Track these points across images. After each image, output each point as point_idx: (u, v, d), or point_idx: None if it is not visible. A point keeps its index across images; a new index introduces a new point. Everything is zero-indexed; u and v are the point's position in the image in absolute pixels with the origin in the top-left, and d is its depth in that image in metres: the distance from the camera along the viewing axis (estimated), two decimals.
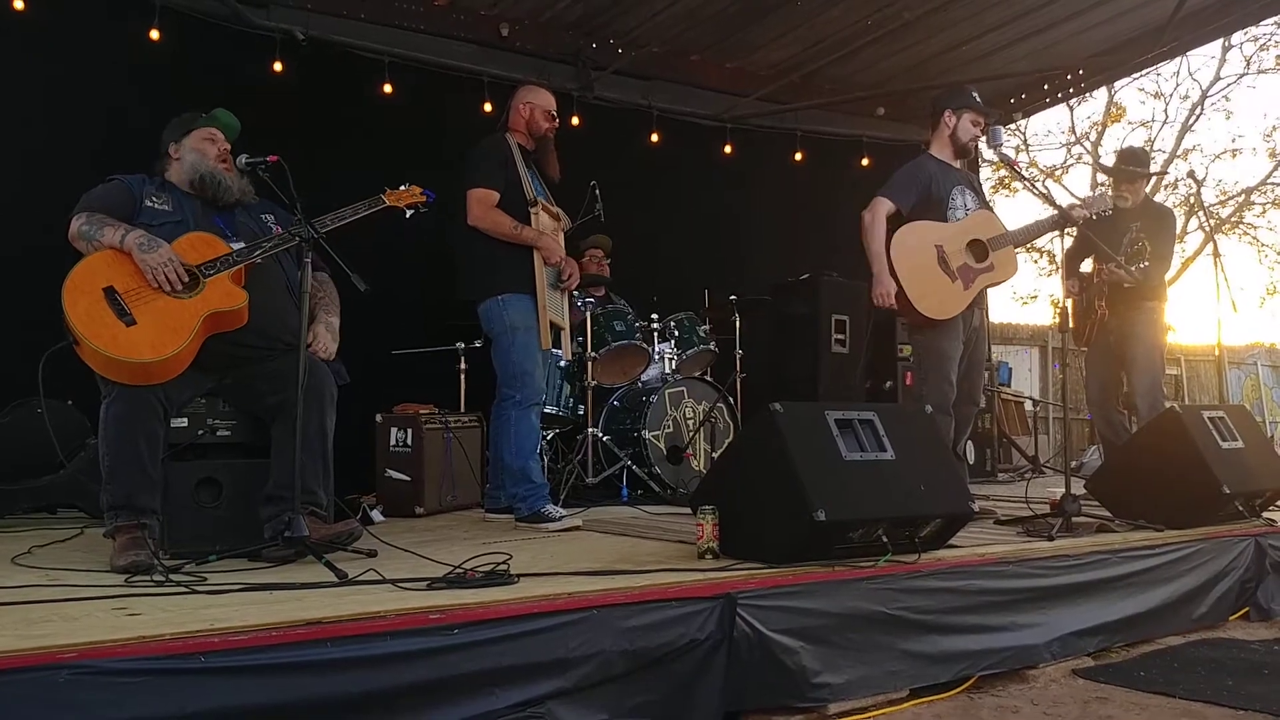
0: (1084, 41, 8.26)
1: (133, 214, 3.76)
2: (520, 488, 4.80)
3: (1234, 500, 4.60)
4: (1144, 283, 5.95)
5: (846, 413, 3.60)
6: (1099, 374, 6.43)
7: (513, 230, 4.81)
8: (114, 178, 3.88)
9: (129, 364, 3.41)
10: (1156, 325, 6.21)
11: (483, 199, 4.84)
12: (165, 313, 3.50)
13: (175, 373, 3.52)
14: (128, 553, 3.29)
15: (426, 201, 4.20)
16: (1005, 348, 13.59)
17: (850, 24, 7.77)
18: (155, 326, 3.47)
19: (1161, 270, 6.18)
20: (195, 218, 3.85)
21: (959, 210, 5.07)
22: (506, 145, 5.00)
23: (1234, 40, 20.78)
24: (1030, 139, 23.00)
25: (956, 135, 5.17)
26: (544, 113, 5.11)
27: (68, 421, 5.01)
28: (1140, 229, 6.05)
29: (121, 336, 3.41)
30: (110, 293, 3.46)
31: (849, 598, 3.21)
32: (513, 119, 5.13)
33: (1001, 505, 5.34)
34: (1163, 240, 6.19)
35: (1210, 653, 3.93)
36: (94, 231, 3.60)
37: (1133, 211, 6.20)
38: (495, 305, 4.84)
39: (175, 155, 3.97)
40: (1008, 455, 9.24)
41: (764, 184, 8.75)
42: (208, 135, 3.99)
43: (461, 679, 2.48)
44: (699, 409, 6.51)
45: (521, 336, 4.81)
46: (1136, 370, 6.15)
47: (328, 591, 2.89)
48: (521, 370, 4.81)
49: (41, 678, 2.03)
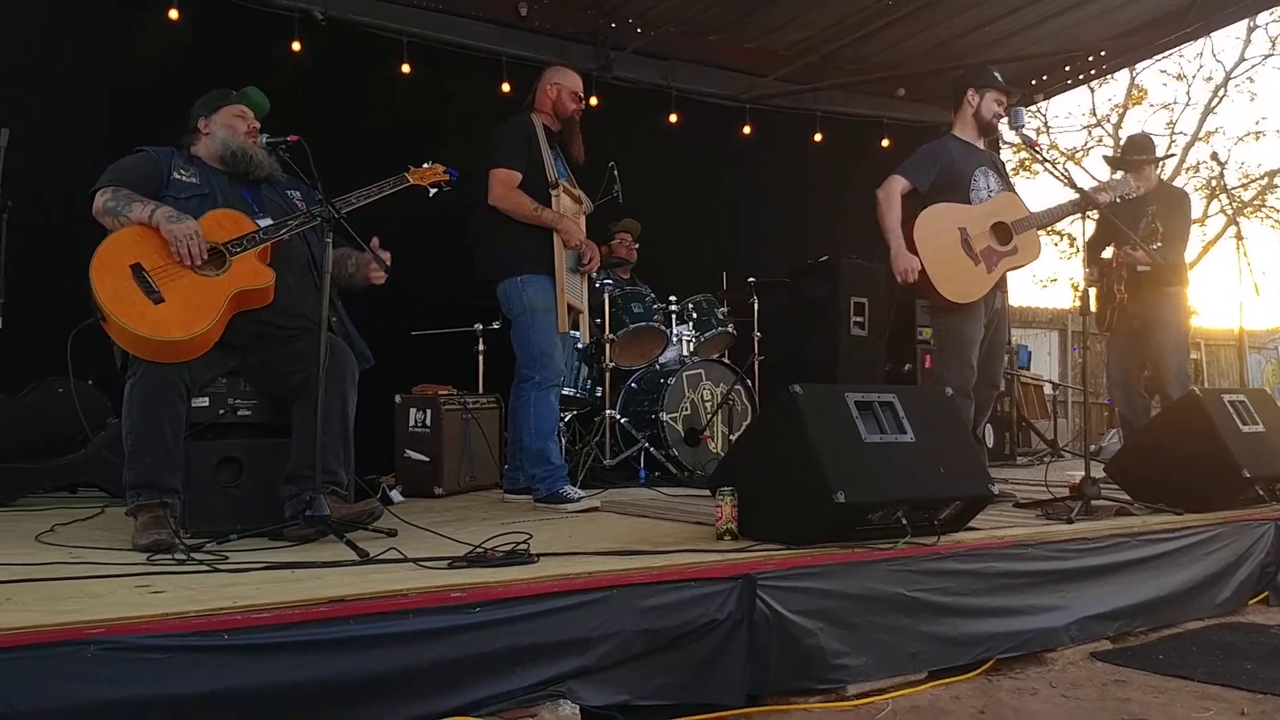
0: (1106, 23, 8.18)
1: (159, 186, 3.75)
2: (539, 469, 4.81)
3: (1254, 484, 4.58)
4: (1162, 265, 5.93)
5: (866, 395, 3.59)
6: (1122, 357, 6.41)
7: (533, 212, 4.79)
8: (141, 149, 3.88)
9: (157, 341, 3.43)
10: (1181, 310, 6.21)
11: (505, 179, 4.82)
12: (193, 290, 3.51)
13: (202, 350, 3.54)
14: (149, 531, 3.31)
15: (450, 180, 4.21)
16: (1025, 331, 13.54)
17: (871, 3, 7.72)
18: (183, 304, 3.48)
19: (1178, 251, 6.15)
20: (223, 191, 3.85)
21: (982, 192, 5.04)
22: (531, 125, 4.97)
23: (1259, 20, 20.61)
24: (1051, 121, 22.89)
25: (980, 114, 5.14)
26: (571, 94, 5.08)
27: (89, 400, 5.02)
28: (1156, 212, 6.04)
29: (150, 314, 3.42)
30: (138, 270, 3.47)
31: (868, 579, 3.21)
32: (539, 99, 5.09)
33: (1021, 488, 5.33)
34: (1177, 222, 6.20)
35: (1229, 636, 3.92)
36: (121, 207, 3.60)
37: (1147, 197, 6.18)
38: (514, 286, 4.83)
39: (205, 130, 3.97)
40: (1027, 439, 9.22)
41: (783, 165, 8.72)
42: (238, 112, 3.98)
43: (483, 657, 2.50)
44: (717, 391, 6.51)
45: (541, 318, 4.80)
46: (1163, 357, 6.14)
47: (349, 570, 2.91)
48: (541, 351, 4.81)
49: (70, 652, 2.05)
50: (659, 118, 8.11)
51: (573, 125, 5.10)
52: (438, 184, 4.18)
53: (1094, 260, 6.42)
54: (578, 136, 5.13)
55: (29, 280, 5.15)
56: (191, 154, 3.95)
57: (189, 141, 3.99)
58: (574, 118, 5.10)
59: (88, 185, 3.73)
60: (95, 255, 3.46)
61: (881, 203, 4.99)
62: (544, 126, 5.01)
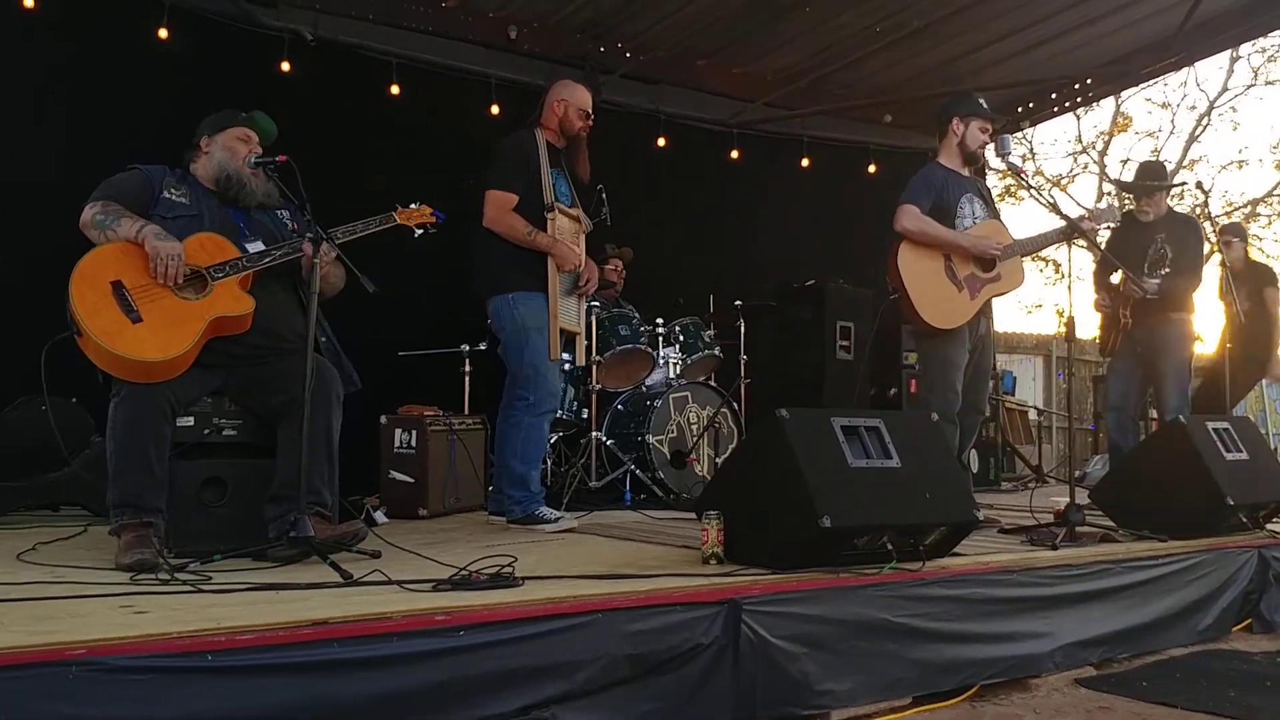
0: (1092, 51, 8.26)
1: (149, 204, 3.74)
2: (517, 492, 4.79)
3: (1238, 511, 4.59)
4: (1170, 294, 5.94)
5: (853, 419, 3.60)
6: (1123, 380, 6.39)
7: (526, 236, 4.74)
8: (133, 167, 3.86)
9: (132, 361, 3.41)
10: (1186, 338, 6.19)
11: (499, 201, 4.77)
12: (172, 312, 3.50)
13: (177, 373, 3.51)
14: (133, 551, 3.29)
15: (436, 222, 4.21)
16: (1010, 357, 13.58)
17: (859, 31, 7.79)
18: (162, 325, 3.46)
19: (1187, 283, 6.11)
20: (212, 213, 3.84)
21: (967, 219, 5.06)
22: (533, 143, 4.89)
23: (1242, 51, 20.85)
24: (1037, 147, 23.04)
25: (965, 143, 5.15)
26: (579, 111, 4.98)
27: (72, 418, 5.00)
28: (1165, 240, 6.07)
29: (128, 333, 3.40)
30: (118, 287, 3.45)
31: (853, 605, 3.21)
32: (545, 115, 5.01)
33: (1005, 514, 5.34)
34: (1187, 250, 6.16)
35: (1213, 664, 3.93)
36: (110, 221, 3.58)
37: (1156, 224, 6.23)
38: (506, 303, 4.78)
39: (206, 149, 3.95)
40: (1012, 464, 9.23)
41: (771, 190, 8.77)
42: (242, 135, 3.96)
43: (468, 681, 2.49)
44: (703, 414, 6.51)
45: (535, 337, 4.75)
46: (1166, 385, 6.15)
47: (333, 592, 2.89)
48: (535, 371, 4.75)
49: (51, 673, 2.04)
50: (648, 141, 8.14)
51: (579, 142, 5.03)
52: (424, 225, 4.18)
53: (1103, 285, 6.44)
54: (583, 154, 5.05)
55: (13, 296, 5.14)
56: (187, 171, 3.94)
57: (189, 157, 3.97)
58: (580, 135, 5.02)
59: (70, 198, 3.71)
60: (76, 269, 3.45)
61: (918, 232, 4.93)
62: (548, 144, 4.94)
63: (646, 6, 7.36)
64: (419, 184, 6.93)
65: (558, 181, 4.94)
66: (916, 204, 4.97)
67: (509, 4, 7.30)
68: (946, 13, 7.42)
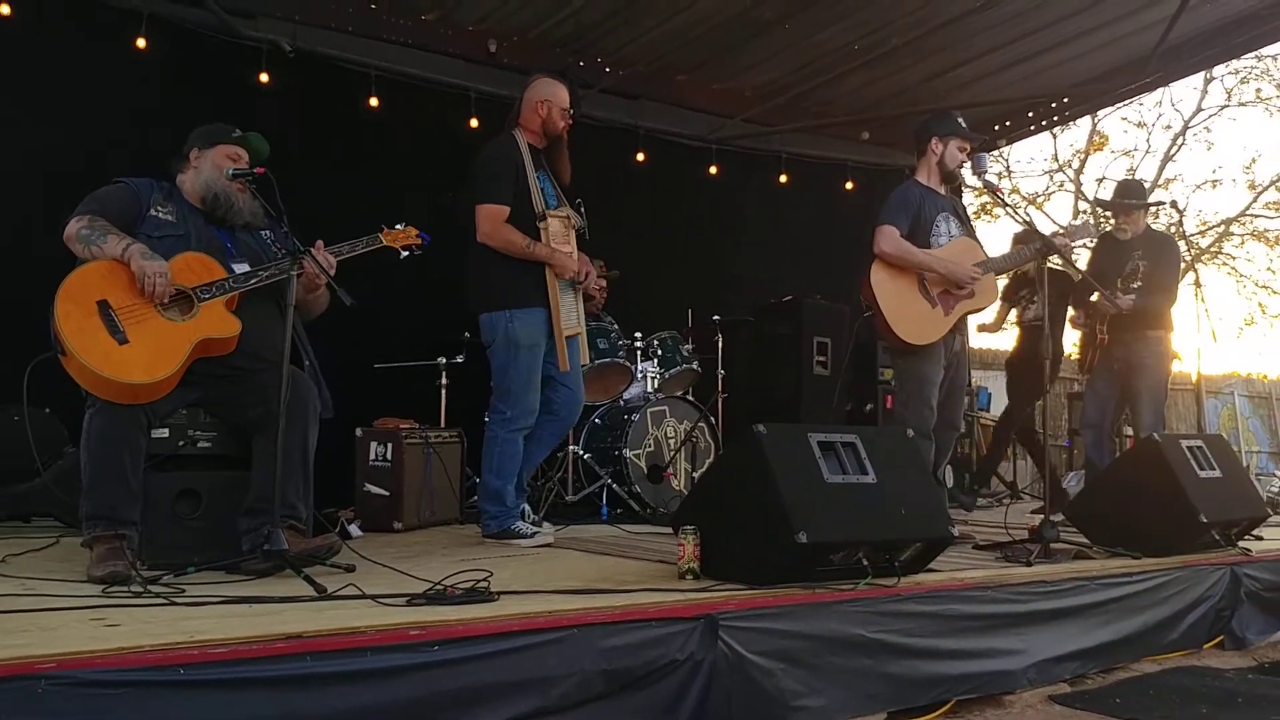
0: (1069, 70, 8.33)
1: (136, 221, 3.69)
2: (492, 506, 4.79)
3: (1211, 529, 4.62)
4: (1144, 310, 5.98)
5: (829, 435, 3.61)
6: (1100, 397, 6.41)
7: (525, 249, 4.69)
8: (120, 180, 3.80)
9: (117, 383, 3.36)
10: (1163, 356, 6.22)
11: (492, 215, 4.71)
12: (159, 334, 3.46)
13: (161, 395, 3.49)
14: (106, 563, 3.26)
15: (422, 244, 4.20)
16: (985, 373, 13.59)
17: (837, 48, 7.82)
18: (148, 348, 3.43)
19: (1163, 301, 6.14)
20: (198, 232, 3.79)
21: (942, 237, 5.08)
22: (515, 149, 4.83)
23: (1215, 73, 21.09)
24: (1013, 165, 23.20)
25: (944, 162, 5.18)
26: (561, 111, 4.92)
27: (46, 429, 4.96)
28: (1142, 257, 6.11)
29: (114, 354, 3.36)
30: (104, 307, 3.40)
31: (829, 620, 3.21)
32: (526, 115, 4.94)
33: (980, 530, 5.35)
34: (1164, 268, 6.19)
35: (1185, 680, 3.95)
36: (95, 237, 3.53)
37: (1133, 242, 6.27)
38: (502, 318, 4.73)
39: (194, 162, 3.89)
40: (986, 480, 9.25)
41: (749, 205, 8.79)
42: (233, 154, 3.89)
43: (441, 696, 2.47)
44: (680, 428, 6.52)
45: (525, 355, 4.72)
46: (1141, 403, 6.17)
47: (307, 606, 2.88)
48: (519, 389, 4.74)
49: (19, 687, 2.01)
50: (626, 156, 8.15)
51: (561, 143, 4.96)
52: (410, 247, 4.16)
53: (1080, 304, 6.48)
54: (565, 154, 4.99)
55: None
56: (174, 186, 3.89)
57: (177, 168, 3.92)
58: (563, 135, 4.95)
59: (50, 209, 3.68)
60: (62, 286, 3.40)
61: (895, 255, 4.94)
62: (529, 146, 4.88)
63: (626, 22, 7.38)
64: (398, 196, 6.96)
65: (543, 184, 4.88)
66: (895, 225, 4.98)
67: (489, 17, 7.30)
68: (925, 31, 7.46)
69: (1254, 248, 23.18)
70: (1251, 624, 4.62)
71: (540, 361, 4.79)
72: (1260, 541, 5.11)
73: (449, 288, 5.21)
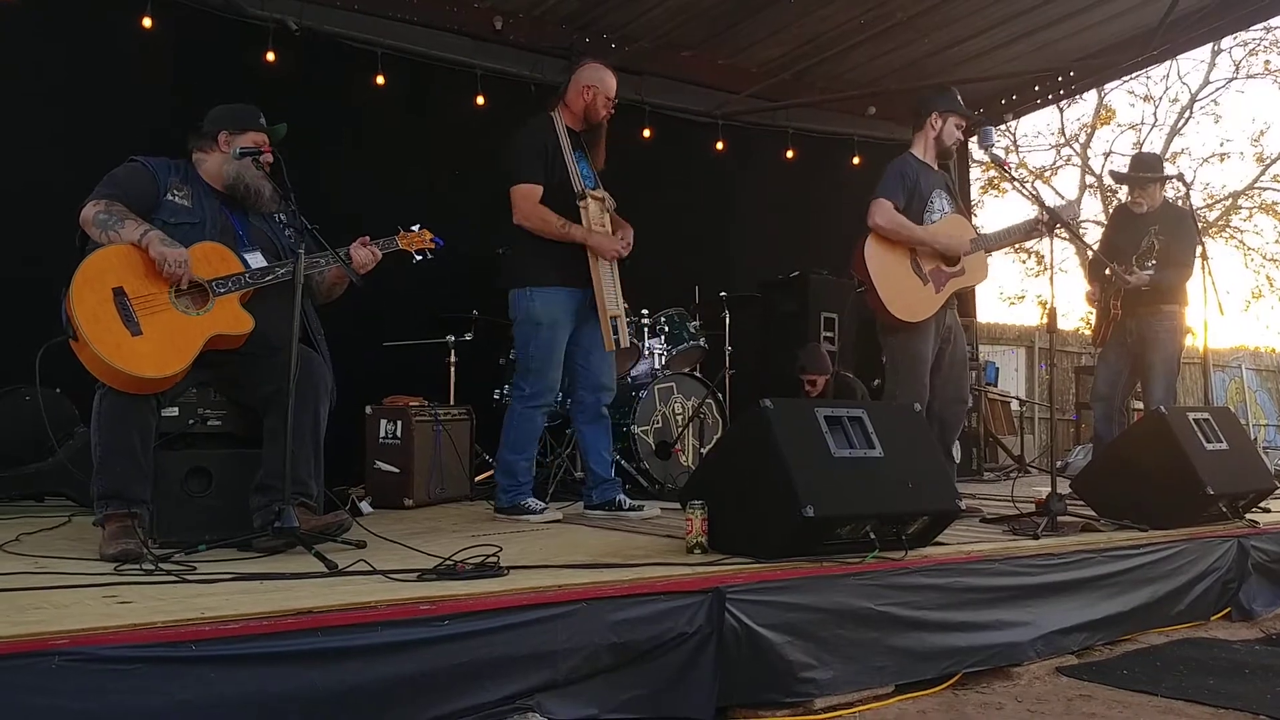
0: (1075, 44, 8.30)
1: (154, 205, 3.67)
2: (505, 479, 4.81)
3: (1218, 501, 4.63)
4: (1159, 285, 5.95)
5: (836, 410, 3.61)
6: (1111, 370, 6.36)
7: (561, 229, 4.65)
8: (136, 160, 3.76)
9: (126, 375, 3.36)
10: (1176, 331, 6.16)
11: (527, 194, 4.68)
12: (172, 328, 3.46)
13: (169, 387, 3.51)
14: (117, 541, 3.28)
15: (436, 248, 4.19)
16: (992, 348, 13.62)
17: (843, 22, 7.81)
18: (161, 341, 3.42)
19: (1178, 275, 6.08)
20: (213, 218, 3.77)
21: (935, 214, 5.09)
22: (552, 130, 4.79)
23: (1223, 45, 20.99)
24: (1020, 140, 23.13)
25: (941, 138, 5.19)
26: (605, 99, 4.87)
27: (57, 409, 4.98)
28: (1159, 232, 6.08)
29: (126, 345, 3.35)
30: (120, 295, 3.39)
31: (836, 593, 3.23)
32: (570, 97, 4.88)
33: (987, 504, 5.37)
34: (1180, 242, 6.12)
35: (1192, 652, 3.96)
36: (113, 222, 3.50)
37: (1150, 215, 6.21)
38: (524, 296, 4.73)
39: (225, 146, 3.84)
40: (994, 454, 9.29)
41: (755, 181, 8.78)
42: (260, 141, 3.85)
43: (452, 670, 2.49)
44: (688, 405, 6.53)
45: (545, 332, 4.72)
46: (1154, 377, 6.13)
47: (318, 582, 2.89)
48: (536, 365, 4.75)
49: (34, 664, 2.03)
50: (632, 132, 8.13)
51: (599, 129, 4.92)
52: (423, 251, 4.16)
53: (1095, 278, 6.45)
54: (602, 141, 4.95)
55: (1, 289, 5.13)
56: (190, 164, 3.86)
57: (197, 146, 3.88)
58: (603, 122, 4.92)
59: (60, 191, 3.68)
60: (79, 270, 3.37)
61: (890, 229, 4.94)
62: (567, 128, 4.84)
63: None
64: (403, 174, 6.97)
65: (581, 166, 4.83)
66: (892, 199, 4.98)
67: None
68: (930, 5, 7.45)
69: (1262, 220, 23.13)
70: (1259, 596, 4.63)
71: (561, 341, 4.77)
72: (1268, 514, 5.10)
73: (458, 264, 5.21)
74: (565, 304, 4.75)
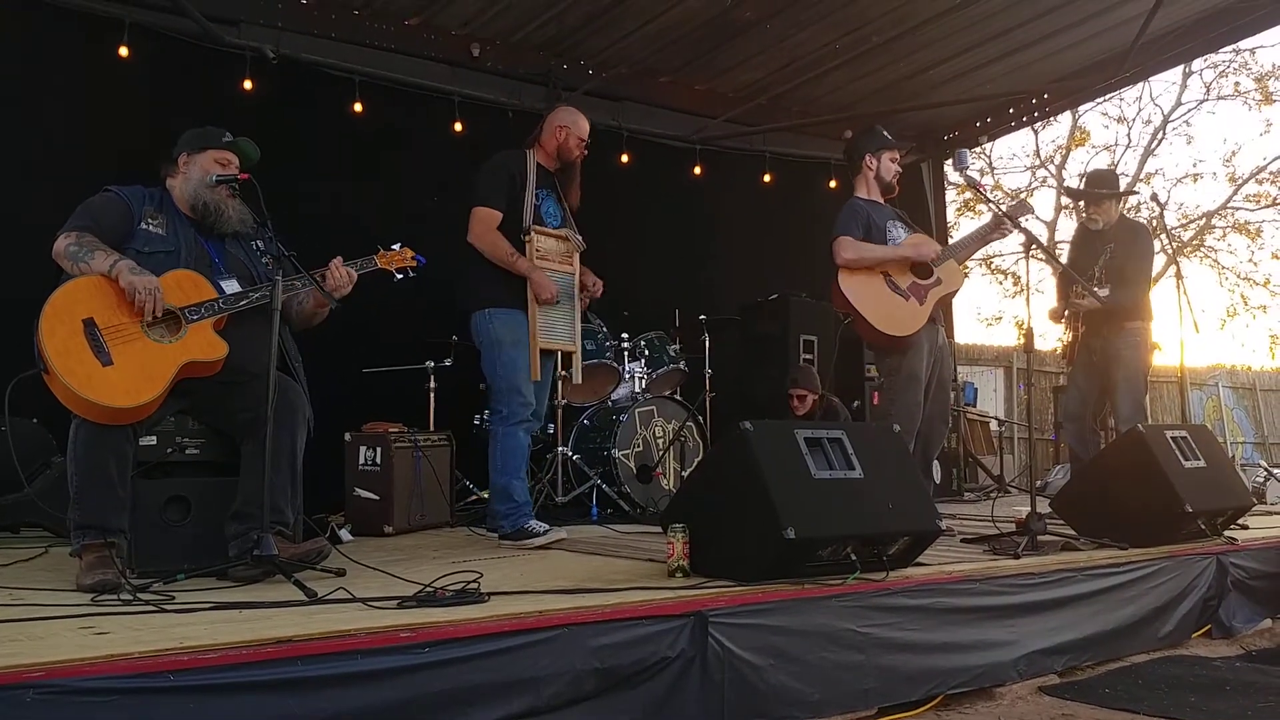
0: (1049, 66, 8.38)
1: (129, 234, 3.66)
2: (503, 505, 4.78)
3: (1196, 519, 4.64)
4: (1118, 304, 5.96)
5: (815, 431, 3.62)
6: (1080, 389, 6.34)
7: (508, 257, 4.73)
8: (110, 189, 3.76)
9: (99, 406, 3.33)
10: (1141, 347, 6.13)
11: (484, 218, 4.78)
12: (144, 356, 3.43)
13: (143, 417, 3.48)
14: (95, 571, 3.26)
15: (417, 265, 4.20)
16: (971, 368, 13.68)
17: (819, 47, 7.85)
18: (132, 370, 3.39)
19: (1133, 292, 6.07)
20: (188, 246, 3.76)
21: (896, 240, 5.21)
22: (522, 163, 4.92)
23: (1194, 67, 21.18)
24: (995, 162, 23.29)
25: (880, 176, 5.35)
26: (578, 140, 5.03)
27: (33, 439, 4.94)
28: (1115, 249, 6.09)
29: (96, 376, 3.32)
30: (90, 326, 3.36)
31: (819, 616, 3.22)
32: (544, 137, 5.04)
33: (968, 524, 5.38)
34: (1135, 258, 6.13)
35: (1174, 670, 3.97)
36: (83, 254, 3.48)
37: (1106, 233, 6.21)
38: (483, 318, 4.79)
39: (184, 167, 3.85)
40: (974, 474, 9.30)
41: (733, 205, 8.81)
42: (222, 159, 3.85)
43: (432, 698, 2.48)
44: (669, 428, 6.53)
45: (508, 351, 4.75)
46: (1119, 394, 6.11)
47: (297, 610, 2.88)
48: (508, 385, 4.76)
49: (8, 697, 2.01)
50: (610, 158, 8.14)
51: (573, 168, 5.06)
52: (404, 269, 4.17)
53: (1063, 297, 6.46)
54: (576, 180, 5.09)
55: None
56: (164, 192, 3.86)
57: (166, 172, 3.88)
58: (576, 162, 5.06)
59: (34, 219, 3.66)
60: (48, 303, 3.35)
61: (857, 259, 5.07)
62: (539, 165, 4.96)
63: (608, 24, 7.39)
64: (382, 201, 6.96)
65: (545, 202, 4.95)
66: (850, 234, 5.10)
67: (471, 22, 7.31)
68: (904, 29, 7.50)
69: (1235, 240, 23.31)
70: (1238, 612, 4.65)
71: (525, 358, 4.79)
72: (1246, 531, 5.13)
73: (437, 291, 5.21)
74: (524, 324, 4.80)
